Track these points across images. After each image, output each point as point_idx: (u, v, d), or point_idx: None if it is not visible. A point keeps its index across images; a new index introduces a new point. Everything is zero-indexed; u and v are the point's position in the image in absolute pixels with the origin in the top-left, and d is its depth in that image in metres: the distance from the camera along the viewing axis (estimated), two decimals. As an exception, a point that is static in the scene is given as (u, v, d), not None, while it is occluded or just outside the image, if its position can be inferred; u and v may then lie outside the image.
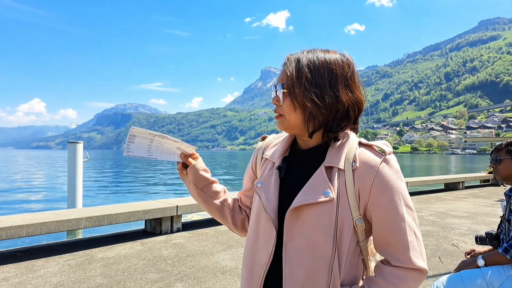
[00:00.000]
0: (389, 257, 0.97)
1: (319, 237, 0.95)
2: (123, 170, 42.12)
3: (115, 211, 5.15)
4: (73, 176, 9.23)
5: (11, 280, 3.55)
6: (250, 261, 1.08)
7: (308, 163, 1.05)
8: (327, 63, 0.99)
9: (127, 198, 17.03)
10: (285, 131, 1.07)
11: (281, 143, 1.15)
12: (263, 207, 1.03)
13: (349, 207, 0.96)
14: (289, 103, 1.00)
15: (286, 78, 1.01)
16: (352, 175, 0.96)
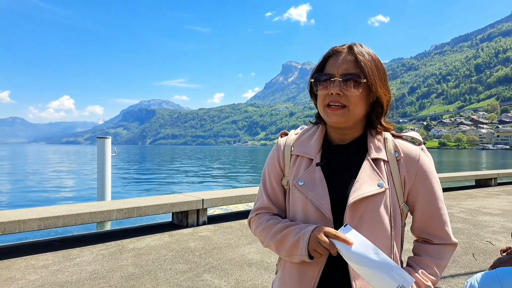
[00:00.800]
0: (431, 237, 1.07)
1: (378, 227, 1.01)
2: (149, 164, 43.10)
3: (144, 203, 5.31)
4: (102, 170, 9.57)
5: (50, 268, 3.75)
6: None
7: (349, 157, 1.08)
8: (377, 58, 1.07)
9: (154, 191, 17.45)
10: (340, 124, 1.05)
11: (312, 138, 1.14)
12: (313, 204, 1.04)
13: (396, 195, 1.05)
14: (361, 94, 1.01)
15: (358, 68, 1.01)
16: (396, 165, 1.05)
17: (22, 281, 3.40)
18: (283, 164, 1.17)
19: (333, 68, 1.03)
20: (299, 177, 1.10)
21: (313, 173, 1.08)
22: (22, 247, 4.53)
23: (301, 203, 1.08)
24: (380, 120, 1.08)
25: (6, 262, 3.92)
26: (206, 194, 6.25)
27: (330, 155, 1.11)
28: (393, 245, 1.02)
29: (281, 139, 1.22)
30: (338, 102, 1.01)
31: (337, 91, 1.00)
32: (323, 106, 1.05)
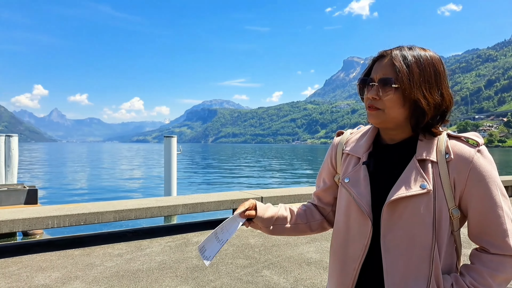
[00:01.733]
0: (487, 245, 1.00)
1: (418, 228, 0.98)
2: (211, 161, 44.75)
3: (206, 200, 5.56)
4: (169, 167, 10.18)
5: (124, 256, 4.11)
6: (342, 254, 1.11)
7: (397, 157, 1.08)
8: (431, 60, 1.03)
9: (215, 188, 18.10)
10: (378, 125, 1.07)
11: (363, 138, 1.16)
12: (355, 201, 1.07)
13: (445, 198, 1.00)
14: (396, 98, 1.01)
15: (394, 73, 1.01)
16: (446, 167, 1.00)
17: (100, 267, 3.77)
18: (335, 162, 1.22)
19: (375, 72, 1.06)
20: (346, 174, 1.13)
21: (359, 171, 1.11)
22: (100, 236, 5.02)
23: (345, 199, 1.12)
24: (422, 123, 1.03)
25: (87, 249, 4.37)
26: (265, 192, 6.36)
27: (379, 155, 1.12)
28: (434, 247, 0.98)
29: (336, 138, 1.26)
30: (374, 105, 1.04)
31: (373, 95, 1.03)
32: (366, 108, 1.09)
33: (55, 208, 4.83)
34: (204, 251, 1.10)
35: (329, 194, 1.26)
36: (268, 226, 1.21)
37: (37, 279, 3.43)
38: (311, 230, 1.28)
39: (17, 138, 12.98)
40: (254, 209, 1.18)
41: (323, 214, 1.29)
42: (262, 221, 1.19)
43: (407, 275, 0.99)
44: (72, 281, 3.41)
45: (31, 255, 4.13)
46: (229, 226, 1.15)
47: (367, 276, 1.07)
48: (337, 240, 1.14)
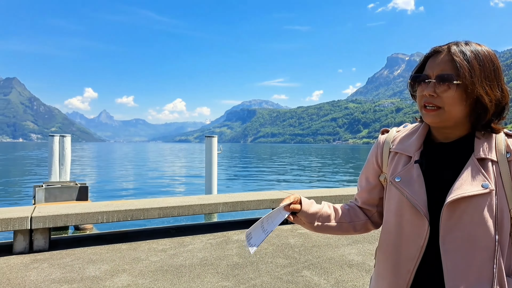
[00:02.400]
0: None
1: (479, 229, 0.95)
2: (250, 161, 45.13)
3: (246, 198, 5.61)
4: (210, 166, 10.40)
5: (167, 252, 4.25)
6: (394, 255, 1.07)
7: (453, 155, 1.04)
8: (489, 55, 1.00)
9: (255, 187, 18.23)
10: (436, 124, 1.03)
11: (413, 136, 1.12)
12: (410, 201, 1.03)
13: (506, 198, 0.97)
14: (457, 95, 0.98)
15: (454, 69, 0.98)
16: (507, 166, 0.98)
17: (146, 261, 3.93)
18: (381, 160, 1.18)
19: (430, 69, 1.02)
20: (396, 173, 1.09)
21: (411, 170, 1.07)
22: (145, 232, 5.23)
23: (396, 199, 1.08)
24: (484, 121, 0.99)
25: (134, 244, 4.58)
26: (305, 192, 6.30)
27: (431, 154, 1.08)
28: (497, 249, 0.94)
29: (381, 136, 1.23)
30: (432, 103, 1.00)
31: (431, 93, 0.99)
32: (420, 106, 1.05)
33: (105, 204, 5.10)
34: (250, 239, 1.12)
35: (374, 194, 1.23)
36: (312, 222, 1.19)
37: (88, 271, 3.64)
38: (355, 230, 1.25)
39: (70, 138, 13.84)
40: (299, 203, 1.17)
41: (367, 215, 1.25)
42: (306, 216, 1.17)
43: (469, 277, 0.95)
44: (120, 273, 3.58)
45: (83, 248, 4.40)
46: (274, 217, 1.15)
47: (423, 277, 1.03)
48: (388, 241, 1.10)
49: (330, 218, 1.22)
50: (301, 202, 1.18)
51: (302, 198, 1.19)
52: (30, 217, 4.27)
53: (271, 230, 1.13)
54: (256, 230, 1.13)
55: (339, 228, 1.23)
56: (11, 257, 4.08)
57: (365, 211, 1.25)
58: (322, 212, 1.21)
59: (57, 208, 4.76)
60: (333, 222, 1.22)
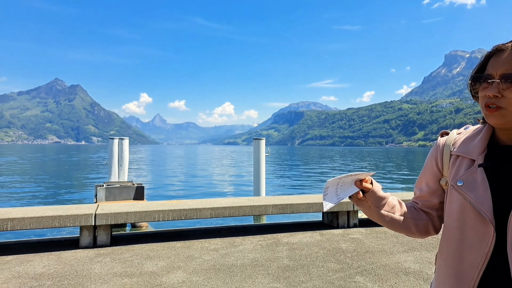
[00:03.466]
0: None
1: None
2: (298, 163, 44.82)
3: (296, 201, 5.58)
4: (258, 168, 10.48)
5: (219, 251, 4.35)
6: (456, 261, 1.03)
7: None
8: None
9: (304, 190, 18.06)
10: (500, 125, 0.98)
11: (475, 138, 1.08)
12: (473, 206, 0.99)
13: None
14: None
15: None
16: None
17: (199, 260, 4.06)
18: (441, 164, 1.14)
19: (493, 68, 0.97)
20: (459, 177, 1.05)
21: (474, 174, 1.02)
22: (198, 231, 5.40)
23: (458, 204, 1.03)
24: None
25: (187, 242, 4.74)
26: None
27: (496, 157, 1.02)
28: None
29: (441, 138, 1.18)
30: (496, 104, 0.96)
31: (495, 93, 0.95)
32: (482, 107, 1.00)
33: (160, 204, 5.35)
34: (326, 195, 1.11)
35: (434, 198, 1.18)
36: (379, 205, 1.15)
37: (146, 266, 3.84)
38: (416, 229, 1.19)
39: (128, 141, 14.71)
40: (370, 183, 1.13)
41: (428, 217, 1.21)
42: (375, 198, 1.13)
43: None
44: (175, 270, 3.73)
45: (141, 245, 4.65)
46: (346, 186, 1.12)
47: (489, 286, 0.98)
48: (449, 246, 1.06)
49: (395, 209, 1.17)
50: (372, 182, 1.13)
51: (372, 179, 1.14)
52: (94, 214, 4.61)
53: (342, 198, 1.11)
54: (332, 189, 1.11)
55: (402, 223, 1.18)
56: (78, 250, 4.42)
57: (426, 213, 1.21)
58: (389, 200, 1.17)
59: (118, 206, 5.09)
60: (398, 214, 1.17)
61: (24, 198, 14.88)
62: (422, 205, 1.21)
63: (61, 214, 4.48)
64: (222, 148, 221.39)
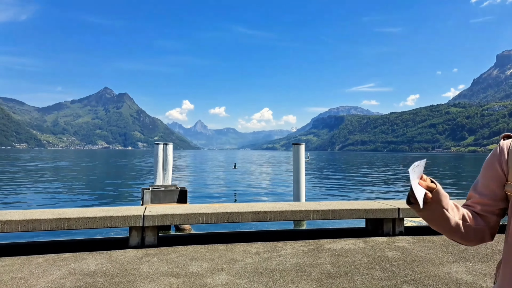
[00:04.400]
0: None
1: None
2: (339, 169, 43.93)
3: (338, 207, 5.49)
4: (297, 173, 10.41)
5: (261, 255, 4.38)
6: None
7: None
8: None
9: (345, 196, 17.66)
10: None
11: None
12: None
13: None
14: None
15: None
16: None
17: (241, 263, 4.11)
18: (506, 168, 1.10)
19: None
20: None
21: None
22: (240, 234, 5.47)
23: None
24: None
25: (230, 245, 4.82)
26: (403, 203, 5.90)
27: None
28: None
29: (504, 141, 1.14)
30: None
31: None
32: None
33: (204, 207, 5.49)
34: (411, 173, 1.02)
35: (496, 203, 1.13)
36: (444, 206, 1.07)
37: (191, 267, 3.96)
38: (474, 236, 1.13)
39: (172, 146, 15.22)
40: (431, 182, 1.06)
41: (485, 223, 1.15)
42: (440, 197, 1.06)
43: None
44: (219, 272, 3.81)
45: (185, 246, 4.79)
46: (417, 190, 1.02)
47: None
48: None
49: (454, 211, 1.11)
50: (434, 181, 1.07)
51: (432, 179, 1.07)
52: (142, 215, 4.82)
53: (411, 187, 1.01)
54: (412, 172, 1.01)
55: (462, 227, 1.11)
56: (127, 250, 4.64)
57: (483, 218, 1.15)
58: (449, 202, 1.10)
59: (164, 209, 5.29)
60: (457, 218, 1.11)
61: (75, 200, 15.86)
62: (481, 210, 1.15)
63: (112, 215, 4.74)
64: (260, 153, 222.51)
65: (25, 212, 4.91)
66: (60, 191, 18.09)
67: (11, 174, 28.69)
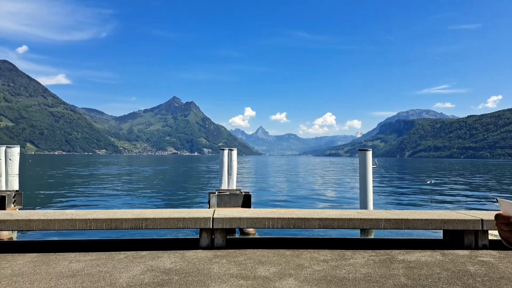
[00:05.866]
0: None
1: None
2: (410, 177, 41.36)
3: (412, 216, 5.17)
4: (364, 180, 10.01)
5: (329, 263, 4.29)
6: None
7: None
8: None
9: (417, 206, 16.56)
10: None
11: None
12: None
13: None
14: None
15: None
16: None
17: (309, 269, 4.06)
18: None
19: None
20: None
21: None
22: (306, 240, 5.41)
23: None
24: None
25: (296, 251, 4.79)
26: (487, 214, 5.37)
27: None
28: None
29: None
30: None
31: None
32: None
33: (269, 211, 5.53)
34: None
35: None
36: None
37: (259, 271, 4.00)
38: None
39: (236, 151, 15.62)
40: None
41: None
42: None
43: None
44: (287, 277, 3.80)
45: (253, 250, 4.86)
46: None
47: None
48: None
49: None
50: None
51: None
52: (212, 218, 5.01)
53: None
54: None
55: None
56: (198, 251, 4.85)
57: None
58: None
59: (232, 212, 5.44)
60: None
61: (147, 202, 16.97)
62: None
63: (184, 217, 5.00)
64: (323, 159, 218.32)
65: (108, 211, 5.38)
66: (136, 194, 19.52)
67: (97, 177, 31.71)
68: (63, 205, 15.24)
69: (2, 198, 7.62)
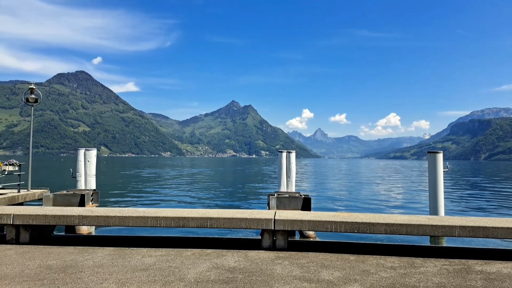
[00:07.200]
0: None
1: None
2: (488, 182, 37.81)
3: (491, 224, 4.74)
4: (434, 184, 9.38)
5: (397, 270, 4.09)
6: None
7: None
8: None
9: (495, 214, 15.09)
10: None
11: None
12: None
13: None
14: None
15: None
16: None
17: (375, 276, 3.90)
18: None
19: None
20: None
21: None
22: (371, 246, 5.21)
23: None
24: None
25: (361, 256, 4.64)
26: None
27: None
28: None
29: None
30: None
31: None
32: None
33: (332, 215, 5.42)
34: None
35: None
36: None
37: (323, 274, 3.94)
38: None
39: (295, 153, 15.55)
40: None
41: None
42: None
43: None
44: (352, 282, 3.69)
45: (315, 253, 4.81)
46: None
47: None
48: None
49: None
50: None
51: None
52: (273, 219, 5.05)
53: None
54: None
55: None
56: (260, 251, 4.91)
57: None
58: None
59: (293, 214, 5.43)
60: None
61: (210, 203, 17.57)
62: None
63: (247, 217, 5.10)
64: (387, 162, 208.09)
65: (176, 210, 5.68)
66: (200, 195, 20.34)
67: (166, 178, 33.65)
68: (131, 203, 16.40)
69: (82, 196, 8.43)
